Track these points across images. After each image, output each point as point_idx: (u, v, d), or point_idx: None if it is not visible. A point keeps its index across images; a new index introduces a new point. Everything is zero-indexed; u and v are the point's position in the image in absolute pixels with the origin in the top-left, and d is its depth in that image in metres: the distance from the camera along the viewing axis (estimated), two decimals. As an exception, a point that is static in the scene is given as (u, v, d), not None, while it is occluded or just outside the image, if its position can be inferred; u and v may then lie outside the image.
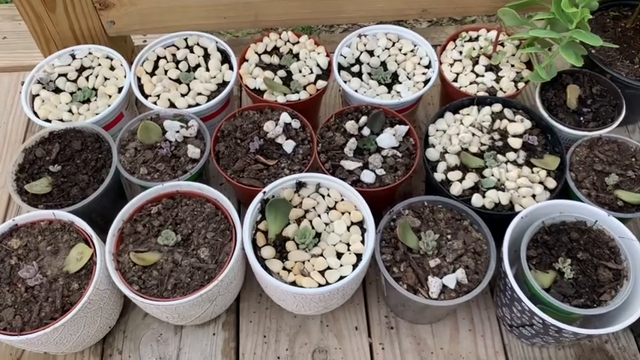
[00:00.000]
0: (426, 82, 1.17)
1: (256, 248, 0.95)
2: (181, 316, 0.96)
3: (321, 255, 0.95)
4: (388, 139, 1.06)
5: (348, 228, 0.97)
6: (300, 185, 1.01)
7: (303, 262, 0.94)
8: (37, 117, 1.14)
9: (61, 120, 1.14)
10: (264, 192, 0.98)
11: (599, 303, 0.89)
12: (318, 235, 0.97)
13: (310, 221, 0.98)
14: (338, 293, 0.93)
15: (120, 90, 1.18)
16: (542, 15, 1.09)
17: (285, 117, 1.09)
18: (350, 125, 1.08)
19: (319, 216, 0.99)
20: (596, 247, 0.94)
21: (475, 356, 1.02)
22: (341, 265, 0.93)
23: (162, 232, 0.96)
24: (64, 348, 0.95)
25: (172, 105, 1.15)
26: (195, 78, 1.19)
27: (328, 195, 1.01)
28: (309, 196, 1.01)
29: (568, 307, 0.87)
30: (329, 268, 0.93)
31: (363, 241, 0.95)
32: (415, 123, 1.33)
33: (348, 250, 0.95)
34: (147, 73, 1.19)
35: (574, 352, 1.03)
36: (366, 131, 1.09)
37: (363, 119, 1.09)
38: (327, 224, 0.98)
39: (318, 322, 1.07)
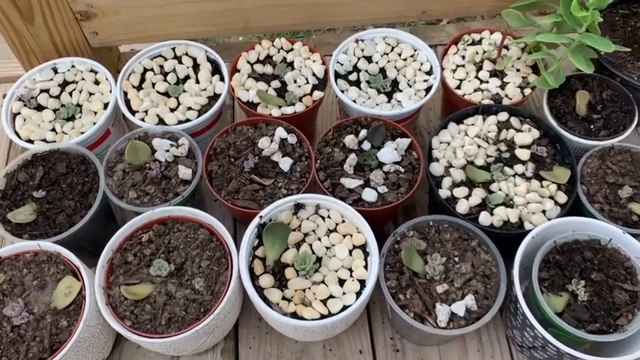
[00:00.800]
0: (427, 89, 1.11)
1: (254, 277, 0.90)
2: (177, 350, 0.91)
3: (323, 282, 0.90)
4: (390, 153, 1.01)
5: (350, 252, 0.93)
6: (298, 207, 0.96)
7: (304, 291, 0.89)
8: (19, 138, 1.08)
9: (45, 140, 1.08)
10: (261, 216, 0.93)
11: (616, 328, 0.85)
12: (318, 259, 0.92)
13: (310, 245, 0.93)
14: (342, 323, 0.88)
15: (106, 106, 1.12)
16: (549, 18, 1.03)
17: (280, 132, 1.04)
18: (349, 140, 1.03)
19: (319, 239, 0.94)
20: (611, 267, 0.89)
21: (485, 379, 0.99)
22: (344, 293, 0.89)
23: (154, 261, 0.91)
24: (55, 386, 0.90)
25: (161, 121, 1.09)
26: (184, 91, 1.13)
27: (328, 217, 0.96)
28: (308, 219, 0.96)
29: (583, 334, 0.83)
30: (331, 296, 0.88)
31: (366, 266, 0.91)
32: (416, 130, 1.27)
33: (351, 276, 0.90)
34: (133, 87, 1.13)
35: (587, 371, 0.99)
36: (366, 145, 1.03)
37: (363, 133, 1.04)
38: (327, 248, 0.93)
39: (320, 346, 1.02)
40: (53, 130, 1.09)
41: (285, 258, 0.91)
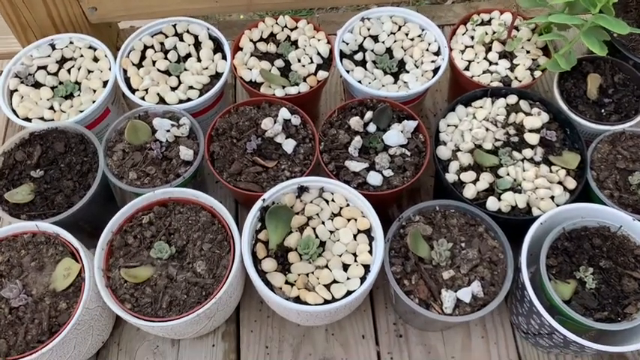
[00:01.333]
0: (435, 70, 1.09)
1: (256, 261, 0.88)
2: (178, 334, 0.90)
3: (326, 266, 0.88)
4: (396, 136, 0.99)
5: (355, 236, 0.91)
6: (302, 190, 0.94)
7: (307, 275, 0.88)
8: (17, 115, 1.05)
9: (42, 119, 1.05)
10: (264, 199, 0.91)
11: (624, 316, 0.84)
12: (322, 244, 0.90)
13: (314, 229, 0.91)
14: (345, 308, 0.87)
15: (105, 84, 1.09)
16: (561, -3, 0.99)
17: (284, 113, 1.01)
18: (354, 122, 1.00)
19: (323, 223, 0.92)
20: (621, 255, 0.88)
21: (488, 365, 0.98)
22: (348, 278, 0.87)
23: (154, 244, 0.89)
24: (54, 368, 0.89)
25: (162, 100, 1.06)
26: (185, 69, 1.10)
27: (333, 200, 0.94)
28: (311, 202, 0.94)
29: (591, 322, 0.82)
30: (335, 281, 0.87)
31: (370, 251, 0.89)
32: (422, 112, 1.25)
33: (355, 261, 0.88)
34: (133, 64, 1.10)
35: (592, 359, 0.98)
36: (371, 127, 1.01)
37: (369, 114, 1.01)
38: (331, 232, 0.91)
39: (322, 330, 1.01)
40: (51, 108, 1.07)
41: (289, 242, 0.90)
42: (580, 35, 0.98)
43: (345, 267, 0.88)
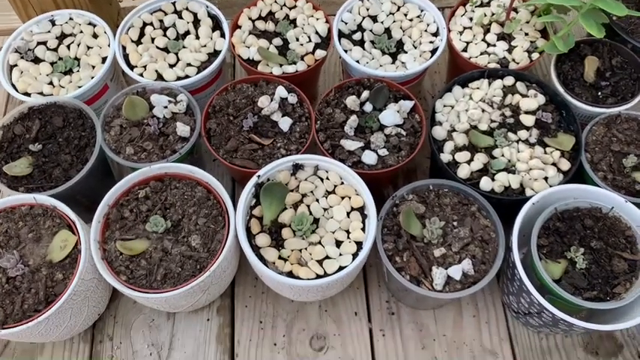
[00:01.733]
0: (433, 51, 1.09)
1: (250, 236, 0.89)
2: (172, 306, 0.91)
3: (319, 243, 0.89)
4: (392, 116, 0.99)
5: (348, 214, 0.92)
6: (297, 167, 0.94)
7: (300, 251, 0.89)
8: (16, 90, 1.06)
9: (42, 94, 1.06)
10: (259, 175, 0.91)
11: (613, 296, 0.85)
12: (316, 221, 0.91)
13: (308, 206, 0.92)
14: (337, 284, 0.88)
15: (104, 60, 1.10)
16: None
17: (281, 91, 1.02)
18: (351, 101, 1.01)
19: (317, 200, 0.93)
20: (612, 236, 0.88)
21: (479, 343, 0.99)
22: (340, 255, 0.88)
23: (150, 217, 0.90)
24: (51, 337, 0.91)
25: (160, 77, 1.07)
26: (184, 47, 1.10)
27: (327, 178, 0.94)
28: (306, 179, 0.94)
29: (580, 301, 0.83)
30: (327, 257, 0.88)
31: (363, 229, 0.90)
32: (420, 94, 1.25)
33: (348, 237, 0.89)
34: (132, 41, 1.11)
35: (581, 339, 0.99)
36: (368, 107, 1.01)
37: (365, 94, 1.02)
38: (325, 210, 0.92)
39: (316, 307, 1.02)
40: (50, 83, 1.07)
41: (283, 218, 0.90)
42: (578, 17, 0.98)
43: (338, 243, 0.89)
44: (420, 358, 0.98)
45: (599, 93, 1.03)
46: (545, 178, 0.95)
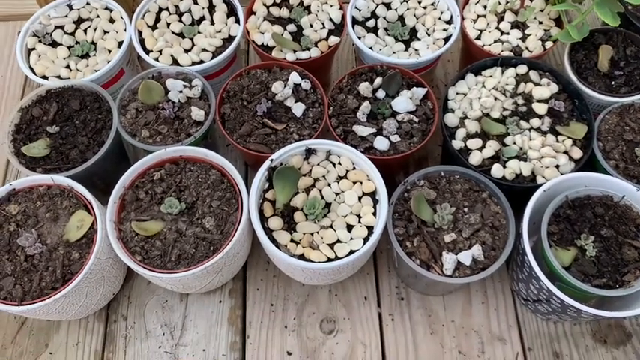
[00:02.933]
0: (446, 39, 1.09)
1: (263, 219, 0.90)
2: (186, 287, 0.93)
3: (331, 227, 0.90)
4: (404, 102, 1.00)
5: (360, 199, 0.93)
6: (309, 152, 0.95)
7: (312, 234, 0.90)
8: (34, 73, 1.08)
9: (59, 77, 1.08)
10: (272, 160, 0.93)
11: (622, 283, 0.85)
12: (327, 205, 0.92)
13: (320, 191, 0.93)
14: (348, 267, 0.89)
15: (120, 44, 1.11)
16: (576, -33, 0.99)
17: (294, 77, 1.03)
18: (364, 87, 1.01)
19: (329, 185, 0.94)
20: (622, 224, 0.89)
21: (488, 330, 1.00)
22: (351, 239, 0.89)
23: (165, 199, 0.92)
24: (67, 315, 0.93)
25: (175, 62, 1.08)
26: (199, 32, 1.11)
27: (339, 163, 0.95)
28: (319, 164, 0.96)
29: (589, 288, 0.83)
30: (339, 241, 0.89)
31: (374, 214, 0.91)
32: (433, 82, 1.25)
33: (359, 222, 0.90)
34: (148, 26, 1.12)
35: (590, 327, 1.00)
36: (380, 94, 1.02)
37: (378, 80, 1.02)
38: (337, 194, 0.93)
39: (326, 291, 1.04)
40: (67, 67, 1.09)
41: (295, 202, 0.92)
42: (593, 6, 0.98)
43: (350, 228, 0.90)
44: (428, 342, 0.99)
45: (613, 82, 1.03)
46: (557, 167, 0.95)
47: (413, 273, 0.90)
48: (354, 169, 0.95)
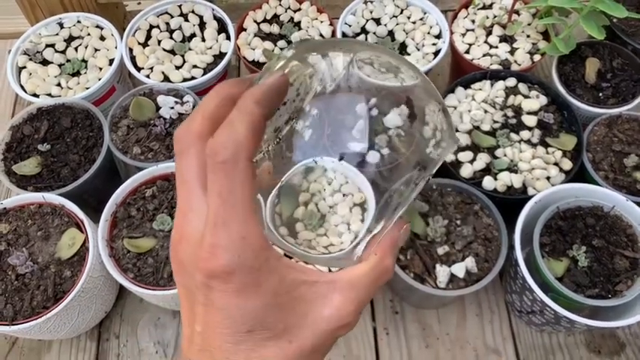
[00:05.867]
0: (436, 53, 1.10)
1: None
2: (179, 304, 0.92)
3: (325, 234, 0.90)
4: (394, 119, 1.00)
5: (351, 209, 0.93)
6: (307, 170, 0.96)
7: (310, 240, 0.90)
8: (25, 91, 1.08)
9: (50, 95, 1.08)
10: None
11: (615, 293, 0.85)
12: (322, 216, 0.92)
13: (316, 204, 0.94)
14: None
15: (111, 62, 1.11)
16: (562, -18, 1.01)
17: (286, 92, 1.03)
18: (355, 101, 1.02)
19: (324, 199, 0.94)
20: (613, 234, 0.89)
21: (482, 342, 0.99)
22: (342, 243, 0.89)
23: (157, 216, 0.91)
24: (58, 335, 0.92)
25: (167, 78, 1.08)
26: (190, 49, 1.12)
27: (334, 178, 0.95)
28: (315, 181, 0.96)
29: (582, 298, 0.84)
30: (331, 244, 0.89)
31: (362, 221, 0.91)
32: (423, 96, 1.26)
33: (349, 229, 0.90)
34: (139, 43, 1.12)
35: (584, 338, 1.00)
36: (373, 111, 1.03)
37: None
38: (331, 207, 0.93)
39: (320, 306, 1.03)
40: (58, 84, 1.09)
41: (297, 214, 0.92)
42: (579, 19, 1.00)
43: (341, 235, 0.90)
44: (423, 356, 0.98)
45: (600, 94, 1.04)
46: (548, 178, 0.96)
47: (407, 286, 0.90)
48: (347, 182, 0.95)
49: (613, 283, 0.86)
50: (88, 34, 1.14)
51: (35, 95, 1.08)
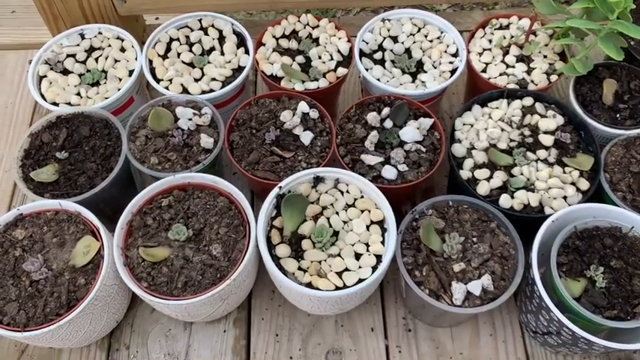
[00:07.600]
0: (452, 71, 1.11)
1: (271, 246, 0.90)
2: (191, 314, 0.92)
3: (339, 255, 0.90)
4: (412, 132, 1.00)
5: (368, 227, 0.92)
6: (317, 180, 0.96)
7: (320, 262, 0.89)
8: (45, 100, 1.09)
9: (69, 103, 1.09)
10: (280, 187, 0.93)
11: (633, 315, 0.84)
12: (335, 233, 0.92)
13: (328, 218, 0.93)
14: (356, 296, 0.88)
15: (130, 73, 1.12)
16: (580, 3, 1.01)
17: (303, 106, 1.04)
18: (371, 117, 1.02)
19: (337, 213, 0.94)
20: (632, 256, 0.88)
21: (496, 363, 0.98)
22: (359, 267, 0.88)
23: (173, 226, 0.91)
24: (69, 343, 0.92)
25: (185, 90, 1.09)
26: (209, 62, 1.13)
27: (347, 191, 0.95)
28: (326, 192, 0.96)
29: (600, 319, 0.82)
30: (347, 269, 0.88)
31: (383, 242, 0.91)
32: (439, 114, 1.26)
33: (367, 250, 0.90)
34: (159, 55, 1.14)
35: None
36: (388, 124, 1.03)
37: (386, 110, 1.03)
38: (345, 222, 0.93)
39: (332, 321, 1.02)
40: (78, 94, 1.10)
41: (303, 230, 0.91)
42: (597, 40, 1.00)
43: (358, 256, 0.90)
44: (436, 375, 0.97)
45: (618, 115, 1.04)
46: (565, 197, 0.95)
47: (421, 303, 0.89)
48: (362, 197, 0.95)
49: (632, 305, 0.85)
50: (109, 46, 1.16)
51: (55, 104, 1.09)
